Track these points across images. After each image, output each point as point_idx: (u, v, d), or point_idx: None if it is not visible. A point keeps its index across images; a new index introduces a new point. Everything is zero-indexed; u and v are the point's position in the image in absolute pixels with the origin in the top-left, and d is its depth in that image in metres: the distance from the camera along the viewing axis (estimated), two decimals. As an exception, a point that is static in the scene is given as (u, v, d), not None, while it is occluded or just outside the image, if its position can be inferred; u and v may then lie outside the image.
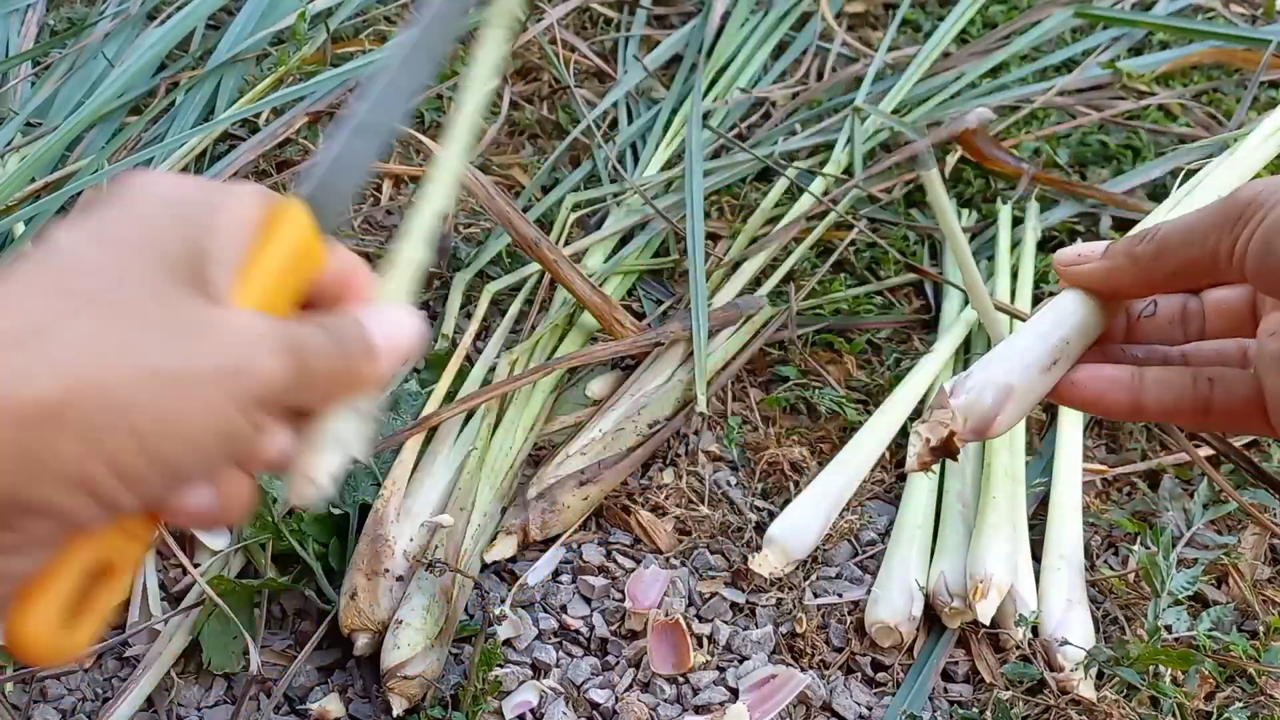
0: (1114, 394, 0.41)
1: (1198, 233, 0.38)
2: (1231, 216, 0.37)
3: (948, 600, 0.80)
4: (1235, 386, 0.40)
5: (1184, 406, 0.41)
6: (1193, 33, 1.35)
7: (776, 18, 1.39)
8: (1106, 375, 0.42)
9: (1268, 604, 0.84)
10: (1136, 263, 0.40)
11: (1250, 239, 0.36)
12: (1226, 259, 0.37)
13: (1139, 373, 0.42)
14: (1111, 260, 0.41)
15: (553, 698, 0.77)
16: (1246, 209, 0.36)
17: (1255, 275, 0.37)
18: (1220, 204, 0.38)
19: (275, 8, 1.34)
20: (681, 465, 0.93)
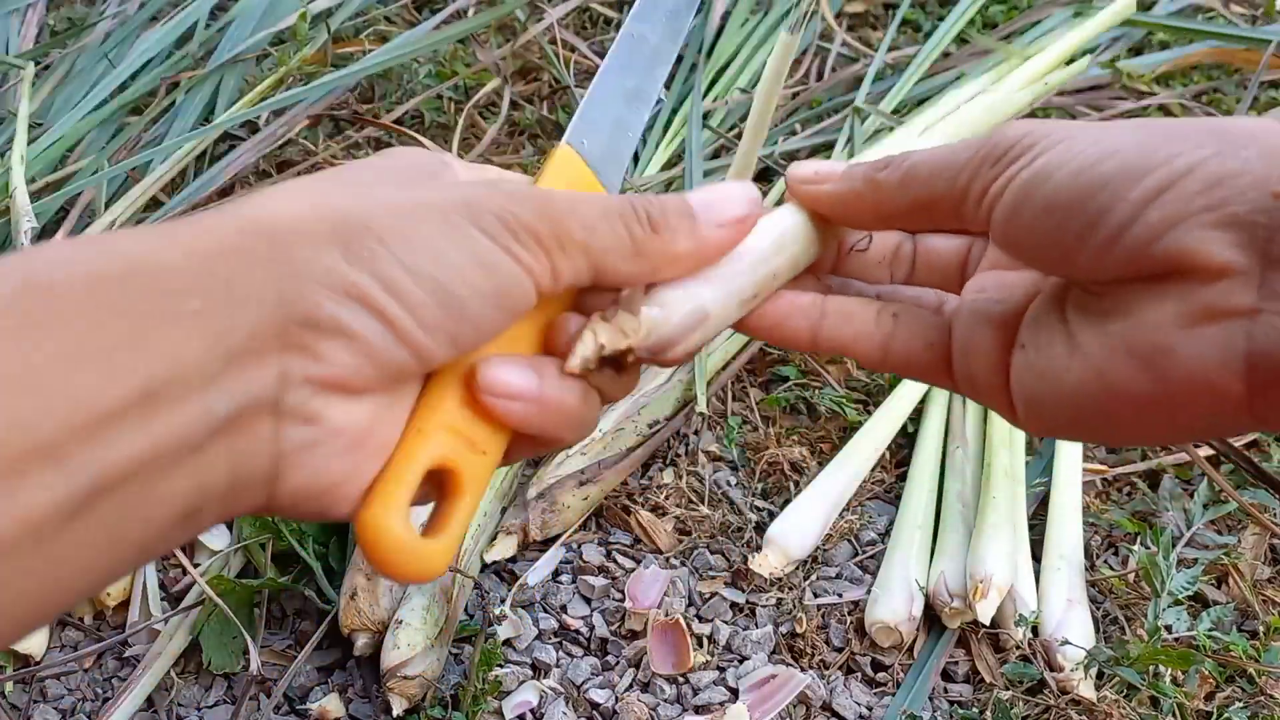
0: (793, 322, 0.37)
1: (950, 168, 0.34)
2: (991, 156, 0.32)
3: (948, 600, 0.80)
4: (921, 329, 0.36)
5: (861, 343, 0.37)
6: (1193, 33, 1.35)
7: (776, 18, 1.39)
8: (787, 299, 0.38)
9: (1268, 604, 0.84)
10: (877, 190, 0.36)
11: (1005, 187, 0.32)
12: (975, 202, 0.33)
13: (821, 301, 0.38)
14: (848, 184, 0.37)
15: (553, 698, 0.78)
16: (1010, 151, 0.32)
17: (999, 228, 0.32)
18: (981, 141, 0.33)
19: (276, 8, 1.34)
20: (681, 465, 0.93)
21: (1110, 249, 0.29)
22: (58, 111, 1.24)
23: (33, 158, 1.14)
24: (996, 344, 0.34)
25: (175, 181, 1.16)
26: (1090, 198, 0.29)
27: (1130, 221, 0.29)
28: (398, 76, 1.31)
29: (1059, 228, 0.30)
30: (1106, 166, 0.29)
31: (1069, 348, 0.31)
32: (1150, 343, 0.29)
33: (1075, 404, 0.31)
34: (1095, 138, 0.31)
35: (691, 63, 1.33)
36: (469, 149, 1.24)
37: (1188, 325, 0.28)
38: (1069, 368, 0.31)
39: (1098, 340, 0.30)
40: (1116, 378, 0.30)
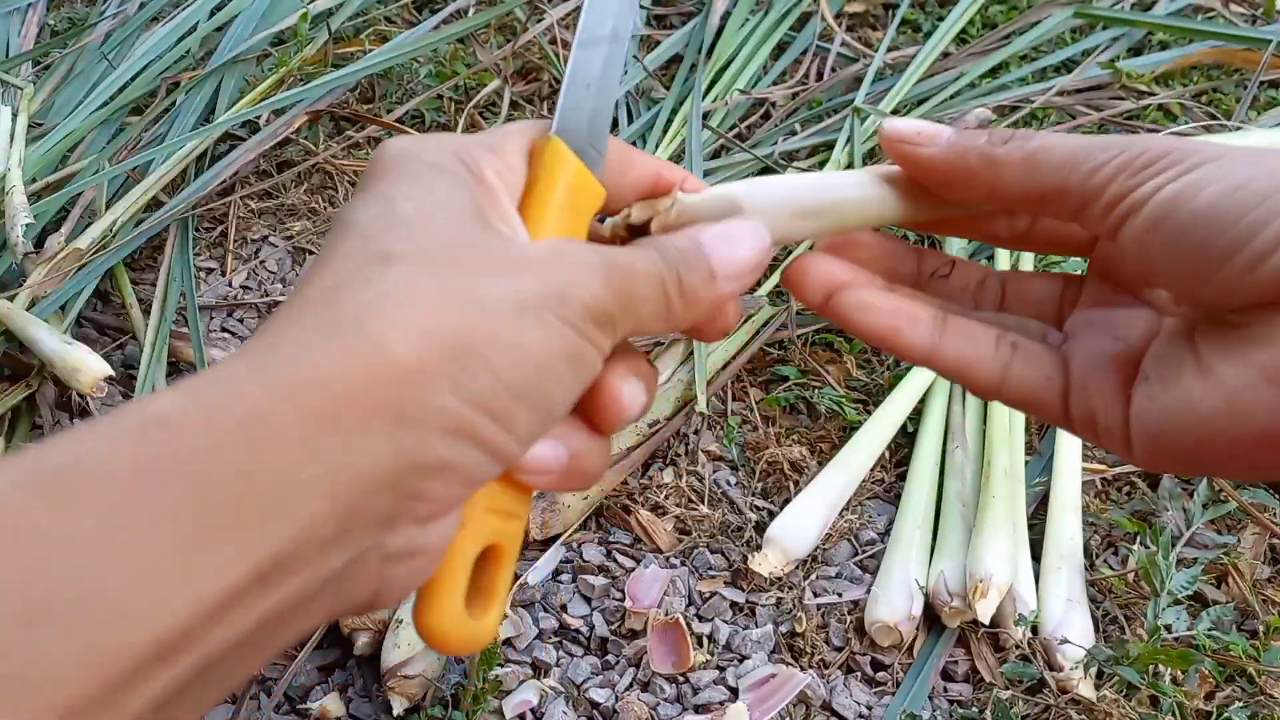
0: (912, 333, 0.36)
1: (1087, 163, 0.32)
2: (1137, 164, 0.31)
3: (947, 600, 0.81)
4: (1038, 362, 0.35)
5: (981, 368, 0.35)
6: (1193, 33, 1.35)
7: (776, 18, 1.39)
8: (908, 311, 0.36)
9: (1267, 604, 0.84)
10: (992, 166, 0.34)
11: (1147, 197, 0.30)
12: (1107, 206, 0.31)
13: (943, 318, 0.36)
14: (958, 153, 0.34)
15: (553, 697, 0.78)
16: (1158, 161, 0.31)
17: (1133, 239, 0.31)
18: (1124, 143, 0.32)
19: (276, 8, 1.34)
20: (681, 465, 0.93)
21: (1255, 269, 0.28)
22: (58, 111, 1.25)
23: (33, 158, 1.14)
24: (1117, 380, 0.33)
25: (176, 181, 1.16)
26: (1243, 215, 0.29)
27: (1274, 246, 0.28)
28: (398, 76, 1.31)
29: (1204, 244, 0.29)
30: (1261, 185, 0.29)
31: (1202, 378, 0.30)
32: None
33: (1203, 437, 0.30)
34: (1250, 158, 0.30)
35: (691, 63, 1.33)
36: (469, 149, 1.24)
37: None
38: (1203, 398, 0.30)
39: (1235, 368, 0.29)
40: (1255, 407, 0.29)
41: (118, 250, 1.05)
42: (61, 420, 0.95)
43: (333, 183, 1.22)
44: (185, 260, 1.08)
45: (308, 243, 1.16)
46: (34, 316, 0.93)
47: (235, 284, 1.12)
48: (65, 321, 0.99)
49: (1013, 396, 0.36)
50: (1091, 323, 0.36)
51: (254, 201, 1.19)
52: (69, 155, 1.19)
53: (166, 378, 1.00)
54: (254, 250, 1.16)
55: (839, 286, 0.37)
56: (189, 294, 1.04)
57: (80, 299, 1.02)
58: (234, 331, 1.07)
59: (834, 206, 0.36)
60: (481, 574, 0.34)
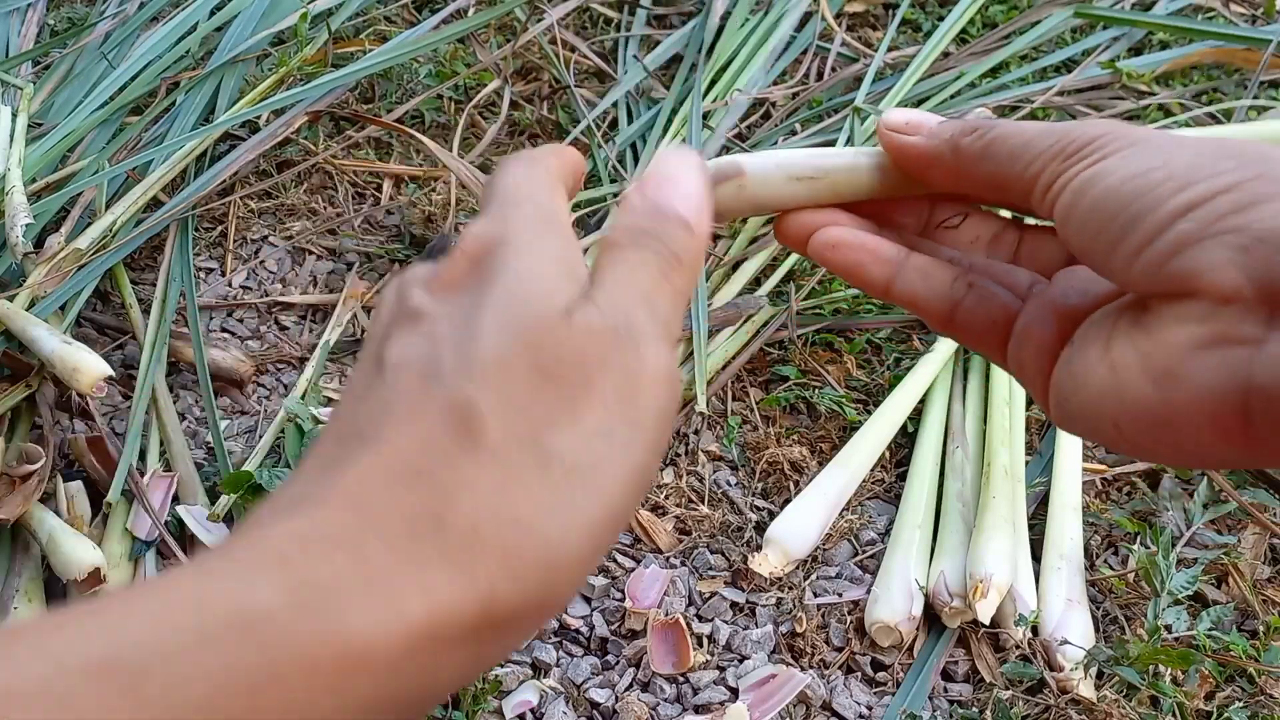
0: (872, 267, 0.37)
1: (1027, 152, 0.33)
2: (1066, 150, 0.32)
3: (948, 600, 0.80)
4: (990, 304, 0.36)
5: (931, 301, 0.37)
6: (1193, 32, 1.35)
7: (776, 18, 1.39)
8: (871, 247, 0.37)
9: (1268, 604, 0.84)
10: (958, 155, 0.35)
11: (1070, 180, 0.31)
12: (1042, 192, 0.32)
13: (905, 253, 0.37)
14: (932, 142, 0.36)
15: (553, 697, 0.78)
16: (1086, 147, 0.31)
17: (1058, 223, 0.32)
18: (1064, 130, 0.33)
19: (276, 8, 1.34)
20: (681, 465, 0.93)
21: (1136, 259, 0.29)
22: (58, 111, 1.25)
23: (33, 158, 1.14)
24: (1054, 335, 0.34)
25: (176, 181, 1.16)
26: (1130, 204, 0.29)
27: (1160, 231, 0.28)
28: (398, 76, 1.31)
29: (1100, 230, 0.30)
30: (1154, 175, 0.29)
31: (1103, 354, 0.31)
32: (1163, 362, 0.28)
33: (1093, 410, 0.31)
34: (1161, 145, 0.30)
35: (691, 63, 1.33)
36: (469, 149, 1.24)
37: (1197, 349, 0.27)
38: (1095, 373, 0.31)
39: (1125, 353, 0.30)
40: (1132, 395, 0.29)
41: (117, 250, 1.05)
42: (61, 420, 0.95)
43: (333, 183, 1.22)
44: (185, 260, 1.08)
45: (307, 243, 1.16)
46: (34, 316, 0.93)
47: (235, 284, 1.12)
48: (65, 321, 0.99)
49: (958, 331, 0.37)
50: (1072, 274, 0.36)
51: (254, 201, 1.19)
52: (69, 155, 1.19)
53: (166, 378, 1.00)
54: (254, 250, 1.16)
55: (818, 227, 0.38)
56: (189, 294, 1.04)
57: (80, 299, 1.02)
58: (234, 331, 1.07)
59: (825, 173, 0.38)
60: None
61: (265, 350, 1.05)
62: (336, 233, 1.17)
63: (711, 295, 1.01)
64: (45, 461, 0.87)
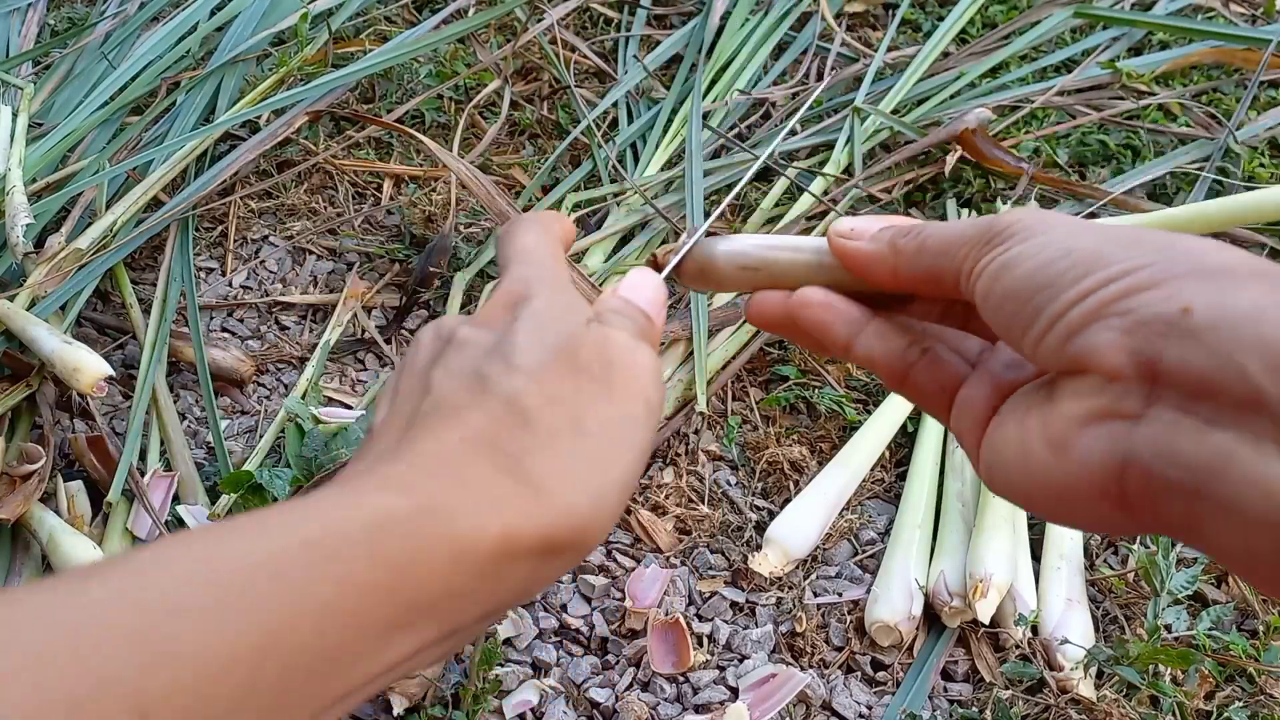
0: (836, 327, 0.40)
1: (954, 245, 0.36)
2: (983, 238, 0.35)
3: (947, 599, 0.81)
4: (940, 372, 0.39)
5: (886, 362, 0.39)
6: (1192, 32, 1.35)
7: (776, 18, 1.39)
8: (840, 308, 0.40)
9: (1267, 603, 0.84)
10: (897, 256, 0.38)
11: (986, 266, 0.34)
12: (965, 279, 0.35)
13: (868, 317, 0.40)
14: (876, 245, 0.39)
15: (553, 697, 0.78)
16: (1002, 233, 0.34)
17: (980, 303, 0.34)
18: (986, 223, 0.35)
19: (276, 8, 1.35)
20: (681, 465, 0.93)
21: (1042, 340, 0.31)
22: (58, 111, 1.25)
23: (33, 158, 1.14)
24: (988, 406, 0.36)
25: (176, 181, 1.16)
26: (1038, 292, 0.31)
27: (1061, 315, 0.31)
28: (398, 76, 1.31)
29: (1014, 314, 0.32)
30: (1060, 265, 0.31)
31: (1018, 426, 0.33)
32: (1058, 432, 0.31)
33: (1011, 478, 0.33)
34: (1070, 233, 0.32)
35: (691, 63, 1.33)
36: (469, 149, 1.24)
37: (1086, 422, 0.30)
38: (1010, 444, 0.33)
39: (1033, 424, 0.32)
40: (1036, 463, 0.31)
41: (118, 250, 1.05)
42: (61, 420, 0.95)
43: (333, 182, 1.22)
44: (185, 260, 1.08)
45: (308, 242, 1.16)
46: (34, 316, 0.93)
47: (235, 284, 1.12)
48: (65, 321, 0.99)
49: (910, 393, 0.40)
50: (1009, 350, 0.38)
51: (254, 201, 1.19)
52: (69, 155, 1.19)
53: (166, 377, 1.00)
54: (254, 250, 1.16)
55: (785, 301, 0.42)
56: (189, 294, 1.04)
57: (80, 299, 1.02)
58: (234, 331, 1.07)
59: (771, 263, 0.42)
60: None
61: (265, 350, 1.05)
62: (337, 233, 1.17)
63: (711, 295, 1.01)
64: (46, 461, 0.87)
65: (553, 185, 1.20)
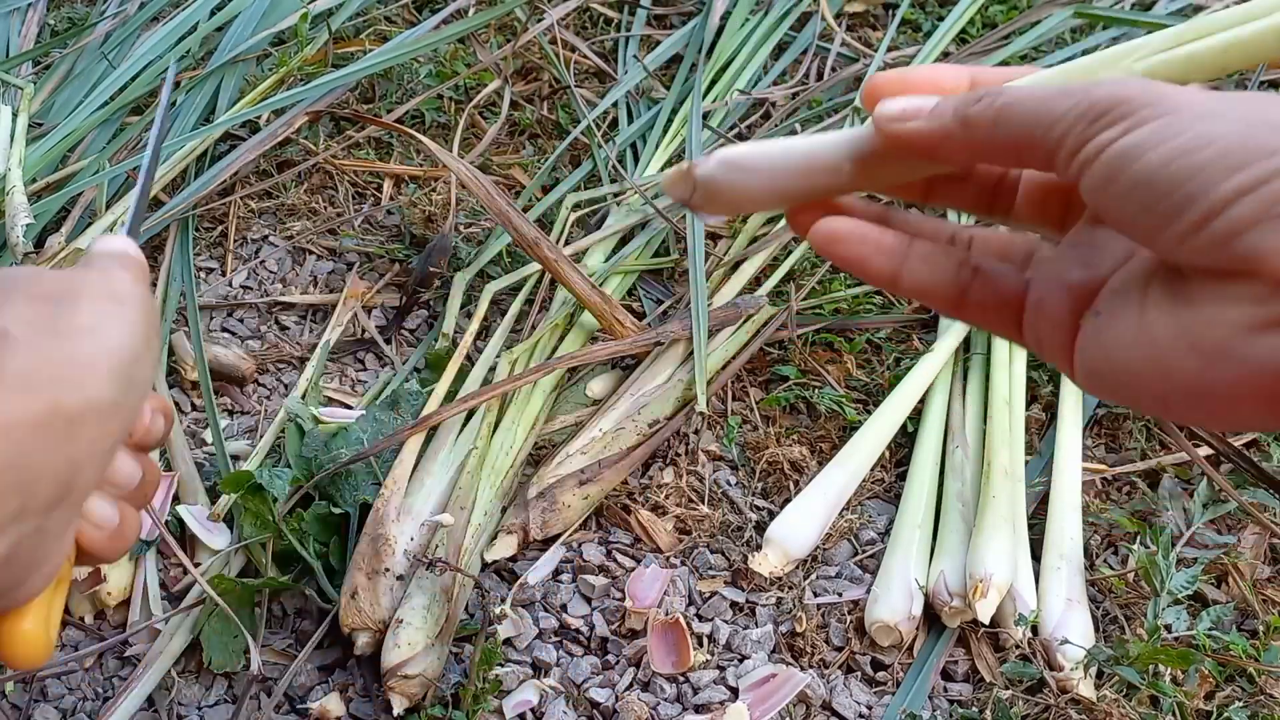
0: (877, 260, 0.38)
1: (1047, 117, 0.32)
2: (1090, 114, 0.31)
3: (947, 599, 0.81)
4: (997, 283, 0.37)
5: (939, 289, 0.37)
6: (1192, 33, 1.35)
7: (776, 18, 1.39)
8: (873, 239, 0.38)
9: (1267, 603, 0.84)
10: (968, 129, 0.35)
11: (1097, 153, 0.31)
12: (1067, 159, 0.32)
13: (907, 243, 0.38)
14: (938, 122, 0.36)
15: (553, 697, 0.78)
16: (1110, 112, 0.31)
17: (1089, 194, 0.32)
18: (1081, 91, 0.32)
19: (276, 8, 1.35)
20: (681, 465, 0.93)
21: (1192, 238, 0.29)
22: (58, 111, 1.25)
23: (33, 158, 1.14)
24: (1070, 308, 0.34)
25: (176, 181, 1.16)
26: (1183, 183, 0.29)
27: (1216, 214, 0.28)
28: (398, 76, 1.31)
29: (1146, 208, 0.30)
30: (1203, 155, 0.29)
31: (1139, 325, 0.31)
32: (1215, 341, 0.29)
33: (1133, 383, 0.31)
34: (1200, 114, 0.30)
35: (691, 63, 1.33)
36: (469, 149, 1.24)
37: (1255, 330, 0.28)
38: (1134, 345, 0.31)
39: (1166, 326, 0.30)
40: (1176, 368, 0.30)
41: (118, 250, 1.05)
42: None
43: (333, 183, 1.22)
44: (185, 260, 1.08)
45: (308, 242, 1.16)
46: (34, 316, 0.93)
47: (235, 283, 1.12)
48: (65, 321, 0.99)
49: (971, 315, 0.38)
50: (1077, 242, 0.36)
51: (254, 201, 1.19)
52: (69, 155, 1.19)
53: (166, 376, 1.00)
54: (254, 250, 1.16)
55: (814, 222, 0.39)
56: (189, 293, 1.04)
57: (80, 299, 1.01)
58: (234, 331, 1.07)
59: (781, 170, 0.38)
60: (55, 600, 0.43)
61: (265, 350, 1.05)
62: (336, 233, 1.17)
63: (711, 295, 1.01)
64: (45, 461, 0.87)
65: (553, 185, 1.20)
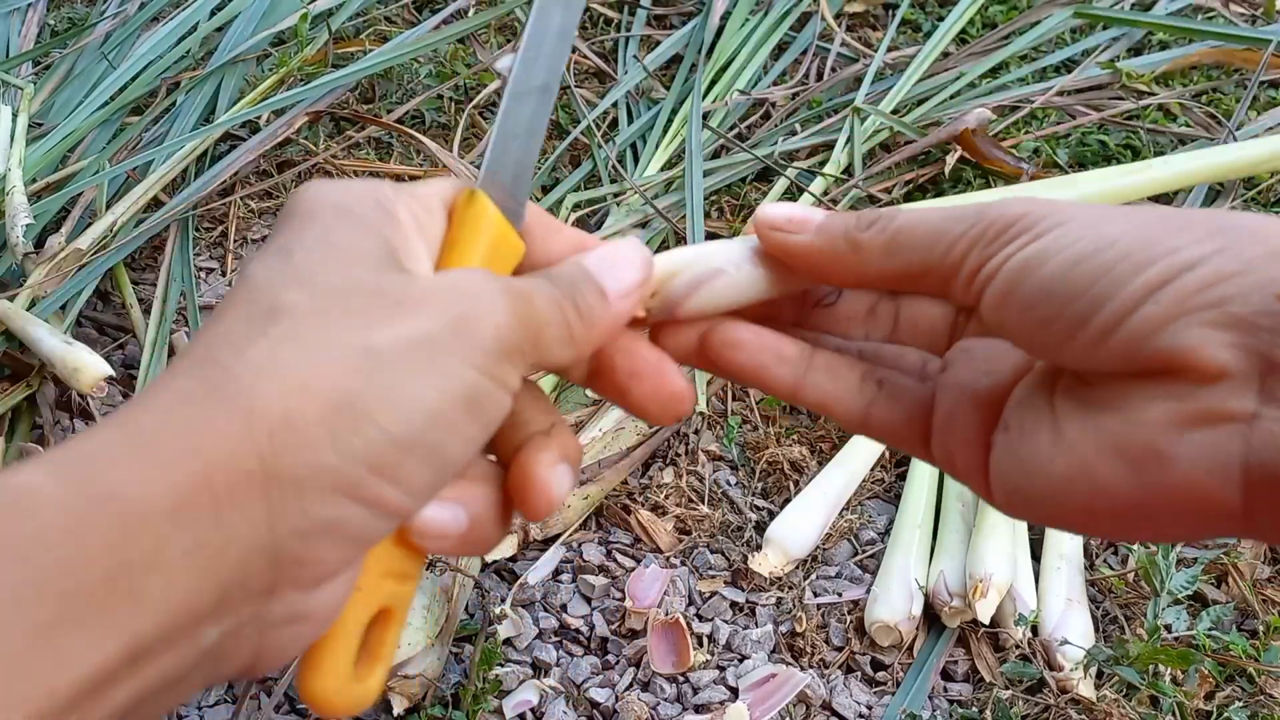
0: (777, 370, 0.35)
1: (945, 239, 0.32)
2: (989, 234, 0.31)
3: (947, 599, 0.81)
4: (903, 402, 0.35)
5: (843, 405, 0.35)
6: (1192, 33, 1.35)
7: (776, 18, 1.39)
8: (773, 347, 0.35)
9: (1267, 603, 0.84)
10: (858, 253, 0.33)
11: (999, 268, 0.30)
12: (967, 280, 0.31)
13: (810, 354, 0.36)
14: (826, 240, 0.34)
15: (553, 697, 0.78)
16: (1008, 229, 0.30)
17: (990, 310, 0.31)
18: (976, 213, 0.31)
19: (276, 8, 1.35)
20: (681, 465, 0.93)
21: (1104, 341, 0.28)
22: (58, 111, 1.25)
23: (33, 158, 1.14)
24: (978, 422, 0.33)
25: (176, 181, 1.16)
26: (1088, 287, 0.28)
27: (1127, 314, 0.28)
28: (398, 76, 1.31)
29: (1053, 316, 0.29)
30: (1107, 256, 0.28)
31: (1054, 437, 0.30)
32: (1142, 443, 0.28)
33: (1057, 498, 0.30)
34: (1094, 221, 0.29)
35: (691, 63, 1.33)
36: (469, 149, 1.24)
37: (1182, 428, 0.27)
38: (1054, 459, 0.30)
39: (1086, 434, 0.29)
40: (1103, 476, 0.28)
41: (118, 250, 1.05)
42: (61, 420, 0.95)
43: (333, 183, 1.22)
44: (185, 260, 1.08)
45: (308, 243, 1.16)
46: (34, 316, 0.93)
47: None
48: (65, 321, 0.99)
49: (875, 434, 0.36)
50: (969, 354, 0.35)
51: (254, 201, 1.19)
52: (69, 155, 1.19)
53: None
54: (254, 250, 1.16)
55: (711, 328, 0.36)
56: (189, 294, 1.04)
57: (80, 299, 1.02)
58: (234, 331, 1.07)
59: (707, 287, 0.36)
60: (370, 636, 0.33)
61: (265, 350, 1.05)
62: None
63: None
64: (46, 461, 0.87)
65: (553, 185, 1.20)
